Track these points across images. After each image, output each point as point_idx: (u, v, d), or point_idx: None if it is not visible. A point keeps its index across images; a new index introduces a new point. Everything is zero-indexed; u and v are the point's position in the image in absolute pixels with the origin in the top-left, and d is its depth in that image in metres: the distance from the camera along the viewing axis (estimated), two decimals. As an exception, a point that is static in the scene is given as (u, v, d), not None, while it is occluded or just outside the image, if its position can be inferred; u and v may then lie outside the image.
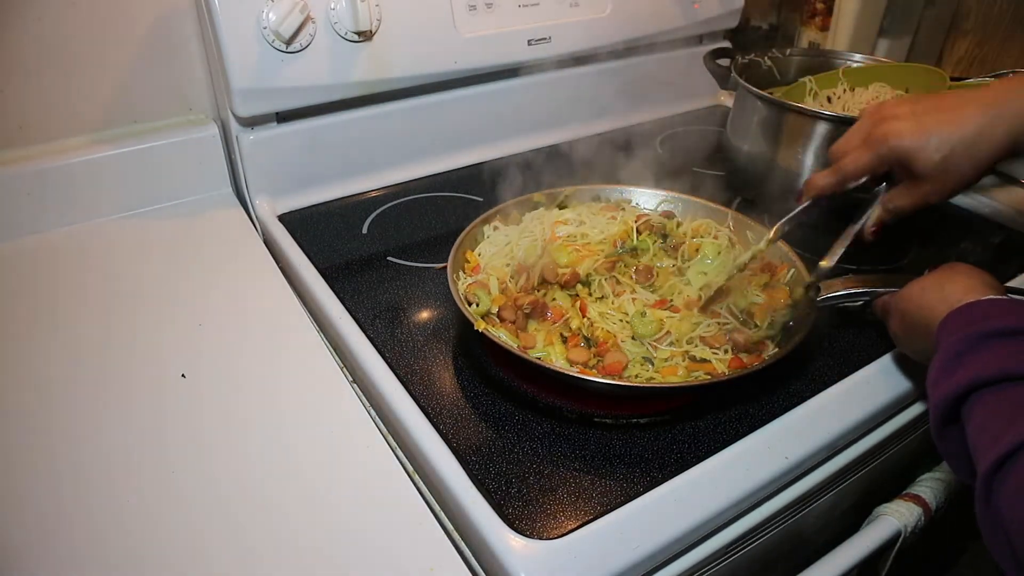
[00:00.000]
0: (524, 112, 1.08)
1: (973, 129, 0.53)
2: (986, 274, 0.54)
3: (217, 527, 0.52)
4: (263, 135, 0.89)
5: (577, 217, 0.77)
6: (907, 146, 0.55)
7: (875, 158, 0.58)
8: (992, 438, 0.41)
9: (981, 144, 0.53)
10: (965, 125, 0.53)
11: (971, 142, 0.53)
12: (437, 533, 0.52)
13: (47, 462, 0.57)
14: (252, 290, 0.77)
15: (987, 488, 0.40)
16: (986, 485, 0.40)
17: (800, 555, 0.71)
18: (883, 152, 0.57)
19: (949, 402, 0.45)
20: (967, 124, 0.53)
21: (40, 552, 0.50)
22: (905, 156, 0.55)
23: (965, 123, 0.53)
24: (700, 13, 1.15)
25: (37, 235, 0.85)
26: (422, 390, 0.63)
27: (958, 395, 0.44)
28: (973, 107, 0.53)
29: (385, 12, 0.87)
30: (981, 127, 0.53)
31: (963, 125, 0.53)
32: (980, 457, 0.41)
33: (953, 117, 0.54)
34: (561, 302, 0.67)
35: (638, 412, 0.62)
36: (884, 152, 0.57)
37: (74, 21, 0.84)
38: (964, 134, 0.53)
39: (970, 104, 0.54)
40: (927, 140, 0.54)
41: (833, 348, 0.70)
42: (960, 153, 0.53)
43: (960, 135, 0.53)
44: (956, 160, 0.54)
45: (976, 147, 0.53)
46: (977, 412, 0.43)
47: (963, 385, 0.44)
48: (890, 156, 0.57)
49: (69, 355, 0.67)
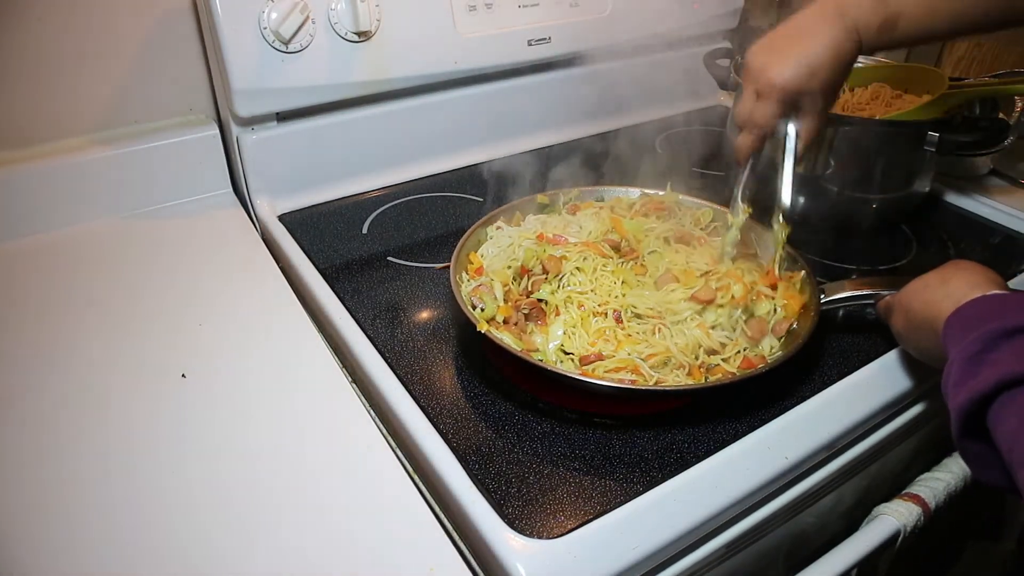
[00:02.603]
0: (524, 112, 1.08)
1: (831, 44, 0.62)
2: (990, 270, 0.54)
3: (217, 527, 0.52)
4: (263, 135, 0.89)
5: (576, 220, 0.77)
6: (796, 83, 0.63)
7: (777, 104, 0.65)
8: None
9: (841, 54, 0.63)
10: (824, 43, 0.63)
11: (834, 56, 0.63)
12: (437, 533, 0.52)
13: (47, 462, 0.57)
14: (252, 290, 0.77)
15: None
16: None
17: (800, 555, 0.71)
18: (780, 96, 0.64)
19: (975, 403, 0.44)
20: (825, 41, 0.63)
21: (40, 552, 0.50)
22: (798, 90, 0.64)
23: (823, 41, 0.63)
24: (700, 13, 1.15)
25: (37, 235, 0.85)
26: (422, 390, 0.63)
27: (985, 395, 0.43)
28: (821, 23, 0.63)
29: (385, 12, 0.87)
30: (835, 39, 0.62)
31: (823, 44, 0.63)
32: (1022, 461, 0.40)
33: (811, 39, 0.63)
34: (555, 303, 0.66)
35: (638, 412, 0.62)
36: (780, 96, 0.64)
37: (74, 21, 0.84)
38: (827, 52, 0.63)
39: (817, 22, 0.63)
40: (806, 70, 0.63)
41: (833, 348, 0.70)
42: (831, 69, 0.63)
43: (825, 54, 0.63)
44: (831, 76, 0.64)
45: (838, 58, 0.63)
46: (1010, 414, 0.42)
47: (991, 384, 0.43)
48: (787, 97, 0.64)
49: (69, 355, 0.67)
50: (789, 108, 0.66)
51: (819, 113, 0.66)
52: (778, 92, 0.64)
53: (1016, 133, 0.94)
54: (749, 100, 0.67)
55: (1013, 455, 0.41)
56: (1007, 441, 0.42)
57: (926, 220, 0.94)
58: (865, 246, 0.88)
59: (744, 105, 0.67)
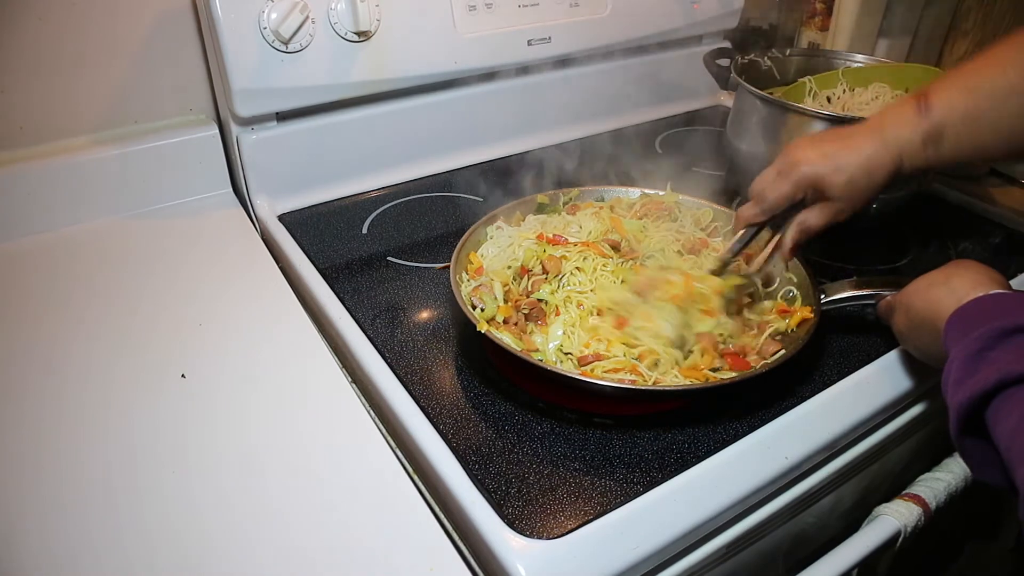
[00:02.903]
0: (524, 112, 1.08)
1: (866, 154, 0.62)
2: (992, 270, 0.54)
3: (217, 527, 0.52)
4: (263, 135, 0.89)
5: (576, 220, 0.77)
6: (817, 172, 0.63)
7: (791, 185, 0.65)
8: None
9: (874, 166, 0.62)
10: (860, 151, 0.62)
11: (866, 165, 0.62)
12: (437, 533, 0.52)
13: (47, 462, 0.57)
14: (252, 290, 0.77)
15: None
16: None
17: (800, 555, 0.71)
18: (797, 179, 0.64)
19: (975, 401, 0.44)
20: (861, 150, 0.62)
21: (40, 551, 0.50)
22: (816, 180, 0.63)
23: (860, 149, 0.62)
24: (700, 13, 1.15)
25: (37, 235, 0.85)
26: (422, 390, 0.63)
27: (985, 393, 0.43)
28: (863, 136, 0.63)
29: (385, 12, 0.87)
30: (872, 152, 0.62)
31: (858, 151, 0.62)
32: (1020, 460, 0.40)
33: (849, 144, 0.63)
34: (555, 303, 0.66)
35: (638, 412, 0.62)
36: (797, 179, 0.64)
37: (74, 21, 0.84)
38: (860, 159, 0.62)
39: (860, 134, 0.63)
40: (832, 165, 0.63)
41: (833, 348, 0.70)
42: (859, 175, 0.62)
43: (857, 160, 0.62)
44: (856, 181, 0.62)
45: (870, 169, 0.62)
46: (1009, 413, 0.42)
47: (991, 383, 0.43)
48: (803, 181, 0.64)
49: (69, 355, 0.67)
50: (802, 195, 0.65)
51: (828, 215, 0.65)
52: (797, 173, 0.64)
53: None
54: (769, 175, 0.67)
55: (1011, 453, 0.41)
56: (1005, 439, 0.42)
57: (926, 220, 0.94)
58: (865, 246, 0.88)
59: (763, 178, 0.67)
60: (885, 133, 0.62)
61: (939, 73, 0.90)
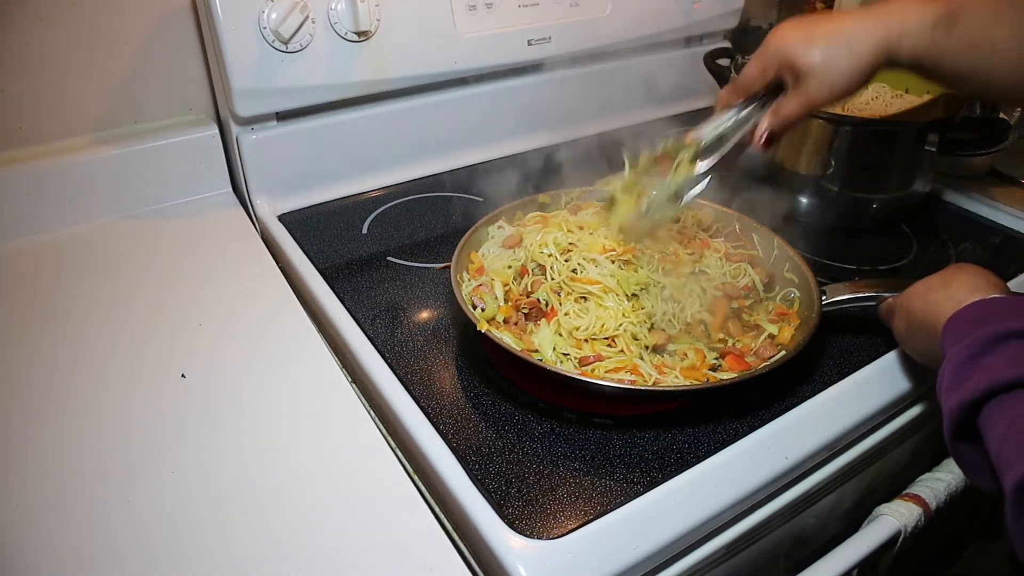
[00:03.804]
0: (524, 112, 1.08)
1: (853, 26, 0.55)
2: (991, 274, 0.54)
3: (217, 527, 0.52)
4: (263, 135, 0.89)
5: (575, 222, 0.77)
6: (791, 46, 0.57)
7: (763, 63, 0.59)
8: (1019, 447, 0.40)
9: (859, 40, 0.55)
10: (846, 24, 0.55)
11: (850, 36, 0.55)
12: (437, 533, 0.52)
13: (47, 462, 0.57)
14: (252, 290, 0.77)
15: (1019, 498, 0.39)
16: (1018, 497, 0.39)
17: (800, 555, 0.71)
18: (768, 53, 0.58)
19: (965, 407, 0.44)
20: (848, 23, 0.55)
21: (40, 551, 0.50)
22: (788, 54, 0.57)
23: (846, 23, 0.55)
24: (700, 13, 1.15)
25: (37, 235, 0.85)
26: (422, 390, 0.63)
27: (975, 400, 0.43)
28: (857, 13, 0.56)
29: (385, 12, 0.87)
30: (861, 25, 0.55)
31: (844, 24, 0.55)
32: (1007, 466, 0.40)
33: (836, 21, 0.56)
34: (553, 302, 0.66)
35: (638, 412, 0.62)
36: (769, 53, 0.58)
37: (74, 21, 0.84)
38: (844, 30, 0.55)
39: (855, 12, 0.56)
40: (808, 38, 0.56)
41: (833, 348, 0.70)
42: (839, 48, 0.55)
43: (840, 31, 0.55)
44: (835, 55, 0.55)
45: (854, 42, 0.55)
46: (999, 419, 0.42)
47: (981, 390, 0.43)
48: (775, 56, 0.58)
49: (69, 355, 0.67)
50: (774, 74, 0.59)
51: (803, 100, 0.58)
52: (769, 49, 0.58)
53: (1016, 133, 0.94)
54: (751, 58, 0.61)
55: (1000, 459, 0.41)
56: (995, 445, 0.42)
57: (926, 220, 0.94)
58: (865, 246, 0.88)
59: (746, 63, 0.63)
60: (884, 11, 0.55)
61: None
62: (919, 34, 0.54)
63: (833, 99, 0.57)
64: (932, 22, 0.53)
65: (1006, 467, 0.40)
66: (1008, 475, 0.40)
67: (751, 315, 0.69)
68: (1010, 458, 0.40)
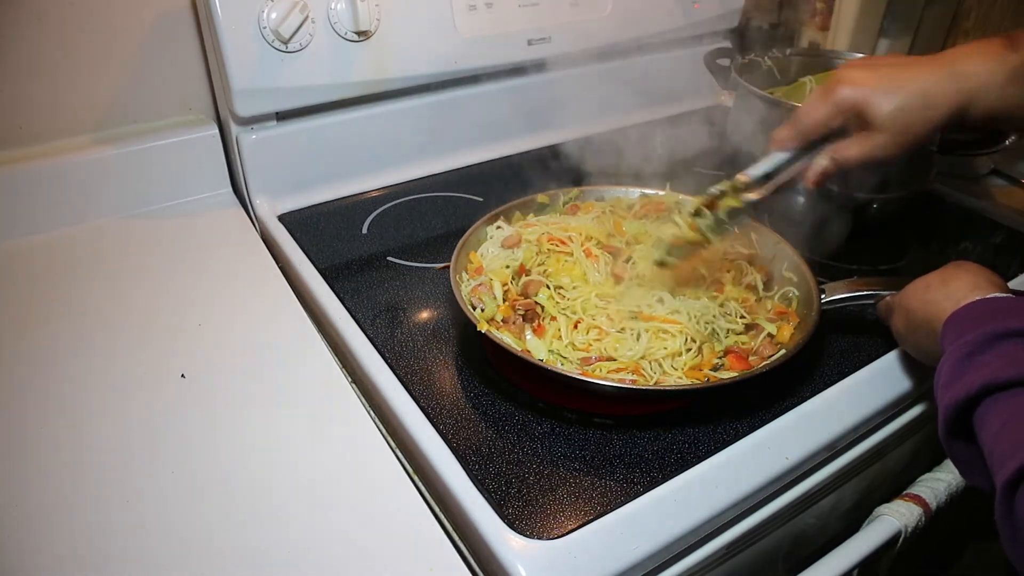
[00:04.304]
0: (524, 112, 1.08)
1: (928, 81, 0.53)
2: (991, 272, 0.54)
3: (216, 527, 0.52)
4: (263, 135, 0.89)
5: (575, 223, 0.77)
6: (862, 93, 0.54)
7: (831, 107, 0.56)
8: (1011, 446, 0.40)
9: (935, 97, 0.53)
10: (920, 77, 0.53)
11: (925, 93, 0.53)
12: (437, 533, 0.52)
13: (46, 462, 0.57)
14: (252, 290, 0.77)
15: (1009, 498, 0.39)
16: (1008, 495, 0.39)
17: (800, 555, 0.71)
18: (838, 100, 0.55)
19: (960, 405, 0.44)
20: (922, 77, 0.53)
21: (40, 552, 0.50)
22: (859, 103, 0.54)
23: (920, 76, 0.53)
24: (700, 13, 1.15)
25: (37, 235, 0.85)
26: (422, 390, 0.63)
27: (970, 398, 0.43)
28: (929, 65, 0.54)
29: (385, 12, 0.87)
30: (936, 81, 0.53)
31: (918, 77, 0.53)
32: (999, 464, 0.40)
33: (908, 71, 0.54)
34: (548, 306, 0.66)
35: (638, 412, 0.62)
36: (839, 100, 0.55)
37: (74, 21, 0.84)
38: (919, 85, 0.53)
39: (926, 63, 0.54)
40: (881, 88, 0.53)
41: (833, 348, 0.70)
42: (914, 104, 0.53)
43: (915, 85, 0.53)
44: (909, 111, 0.53)
45: (930, 99, 0.53)
46: (994, 417, 0.42)
47: (976, 388, 0.43)
48: (844, 104, 0.55)
49: (69, 355, 0.67)
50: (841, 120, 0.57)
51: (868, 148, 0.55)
52: (838, 94, 0.55)
53: (1016, 133, 0.94)
54: (815, 95, 0.58)
55: (993, 457, 0.41)
56: (988, 444, 0.42)
57: (926, 220, 0.94)
58: (865, 246, 0.88)
59: (808, 98, 0.59)
60: (956, 66, 0.53)
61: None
62: (993, 92, 0.52)
63: (900, 155, 0.55)
64: (1005, 78, 0.52)
65: (998, 465, 0.40)
66: (1000, 473, 0.40)
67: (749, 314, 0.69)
68: (1003, 456, 0.40)
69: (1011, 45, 0.52)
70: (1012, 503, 0.39)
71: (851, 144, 0.57)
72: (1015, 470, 0.39)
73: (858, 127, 0.56)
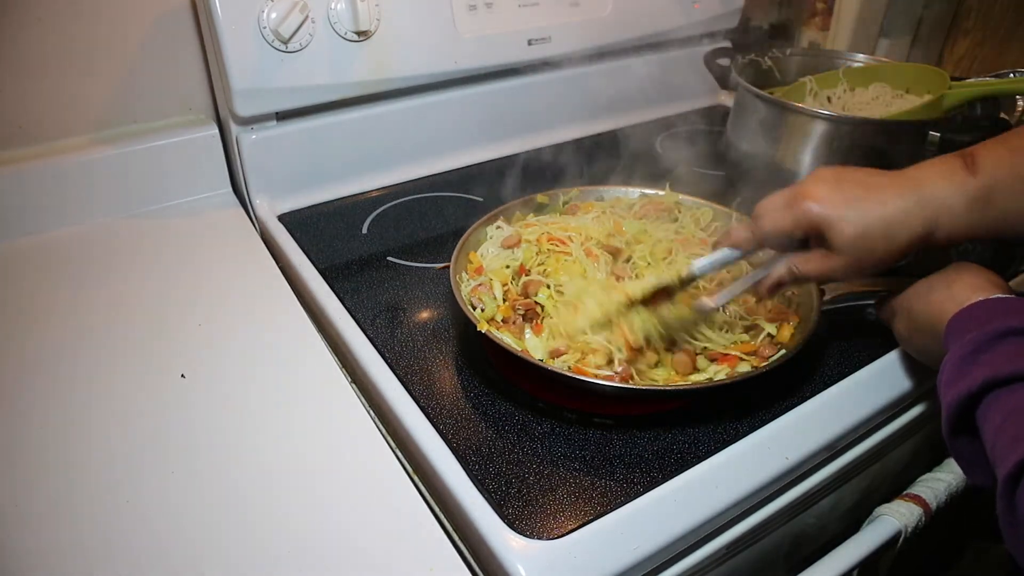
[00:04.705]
0: (524, 112, 1.08)
1: (892, 211, 0.52)
2: (993, 273, 0.54)
3: (216, 527, 0.52)
4: (263, 135, 0.89)
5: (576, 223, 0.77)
6: (825, 214, 0.53)
7: (792, 220, 0.55)
8: (1013, 439, 0.40)
9: (898, 228, 0.52)
10: (885, 205, 0.52)
11: (888, 223, 0.52)
12: (437, 533, 0.52)
13: (46, 462, 0.57)
14: (252, 290, 0.77)
15: (1010, 491, 0.39)
16: (1009, 488, 0.39)
17: (800, 555, 0.71)
18: (799, 215, 0.55)
19: (963, 401, 0.44)
20: (888, 204, 0.52)
21: (40, 552, 0.50)
22: (821, 223, 0.54)
23: (886, 203, 0.52)
24: (700, 13, 1.15)
25: (37, 235, 0.85)
26: (422, 390, 0.63)
27: (972, 394, 0.44)
28: (895, 189, 0.53)
29: (385, 12, 0.87)
30: (901, 208, 0.52)
31: (883, 204, 0.52)
32: (1001, 459, 0.41)
33: (875, 195, 0.53)
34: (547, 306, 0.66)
35: (638, 412, 0.62)
36: (800, 215, 0.55)
37: (74, 21, 0.84)
38: (883, 213, 0.52)
39: (893, 186, 0.53)
40: (845, 212, 0.53)
41: (833, 348, 0.70)
42: (876, 233, 0.52)
43: (879, 213, 0.52)
44: (871, 238, 0.53)
45: (893, 229, 0.52)
46: (995, 413, 0.43)
47: (978, 384, 0.43)
48: (805, 221, 0.54)
49: (68, 355, 0.67)
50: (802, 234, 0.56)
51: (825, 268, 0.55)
52: (802, 208, 0.54)
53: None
54: (778, 200, 0.57)
55: (995, 452, 0.42)
56: (990, 439, 0.43)
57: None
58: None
59: (771, 201, 0.58)
60: (923, 190, 0.52)
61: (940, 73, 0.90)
62: (956, 219, 0.52)
63: (860, 277, 0.56)
64: (966, 206, 0.51)
65: (1000, 459, 0.41)
66: (1001, 466, 0.40)
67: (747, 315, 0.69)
68: (1004, 449, 0.41)
69: (970, 167, 0.52)
70: (1013, 496, 0.39)
71: (811, 260, 0.56)
72: (1016, 463, 0.39)
73: (818, 244, 0.56)
